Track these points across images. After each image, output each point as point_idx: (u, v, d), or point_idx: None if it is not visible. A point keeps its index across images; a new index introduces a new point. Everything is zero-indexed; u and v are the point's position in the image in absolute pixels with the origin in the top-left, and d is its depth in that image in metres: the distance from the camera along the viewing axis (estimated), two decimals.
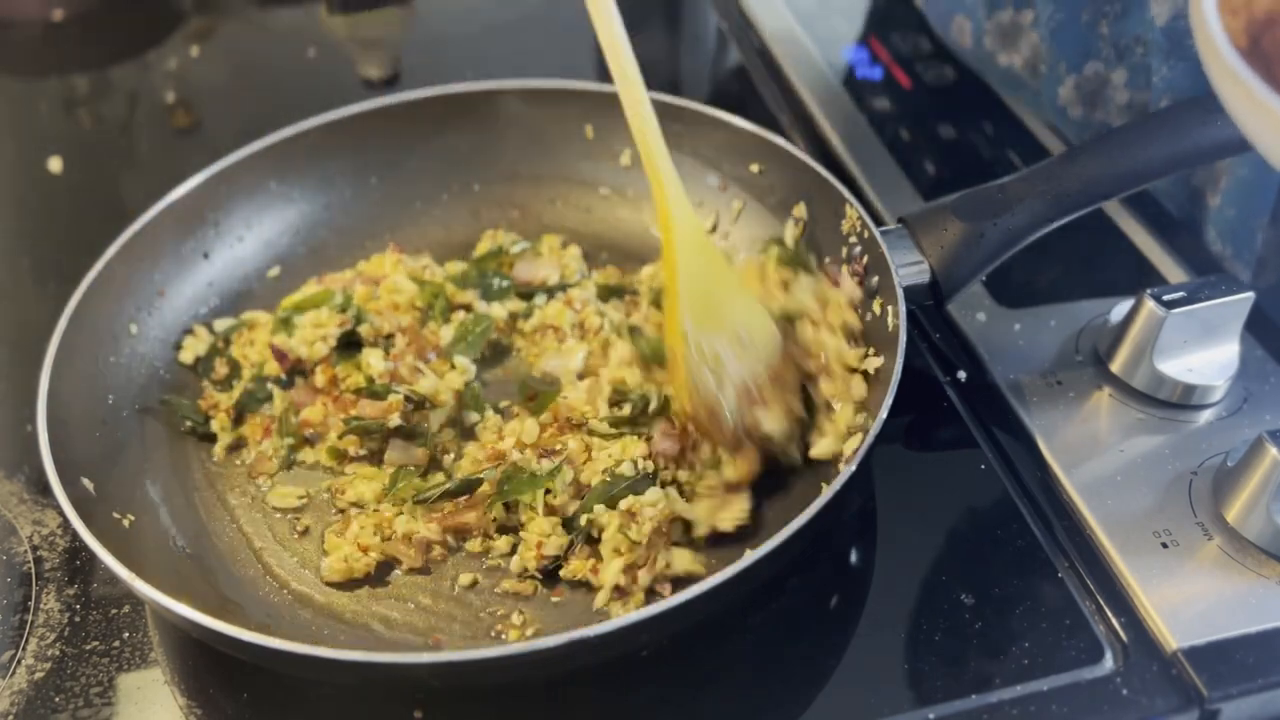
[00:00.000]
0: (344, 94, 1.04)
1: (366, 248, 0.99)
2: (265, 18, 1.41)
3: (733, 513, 0.75)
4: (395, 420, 0.81)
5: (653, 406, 0.81)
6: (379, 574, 0.76)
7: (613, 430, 0.80)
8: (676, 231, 0.78)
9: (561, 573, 0.75)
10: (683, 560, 0.74)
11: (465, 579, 0.75)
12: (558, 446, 0.80)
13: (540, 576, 0.75)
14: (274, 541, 0.79)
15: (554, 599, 0.74)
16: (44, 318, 0.82)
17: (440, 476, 0.80)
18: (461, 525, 0.77)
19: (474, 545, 0.77)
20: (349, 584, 0.76)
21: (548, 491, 0.76)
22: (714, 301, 0.78)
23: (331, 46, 1.34)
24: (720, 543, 0.75)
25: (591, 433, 0.81)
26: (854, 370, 0.82)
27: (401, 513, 0.78)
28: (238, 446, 0.85)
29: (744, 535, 0.75)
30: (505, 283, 0.95)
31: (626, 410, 0.81)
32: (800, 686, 0.69)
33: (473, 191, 1.03)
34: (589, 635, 0.61)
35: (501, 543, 0.76)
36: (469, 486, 0.77)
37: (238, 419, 0.86)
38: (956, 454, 0.82)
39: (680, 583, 0.72)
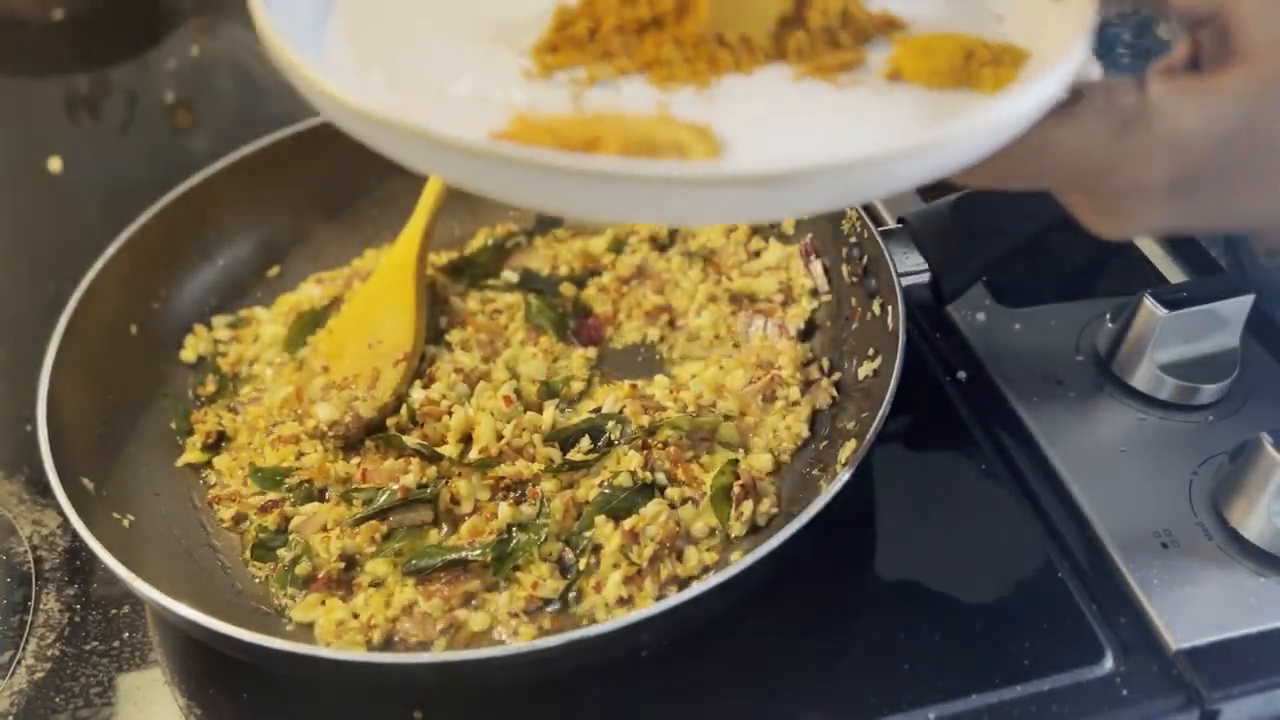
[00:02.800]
0: None
1: (366, 248, 0.99)
2: None
3: None
4: (409, 479, 0.76)
5: (615, 437, 0.78)
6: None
7: (584, 459, 0.77)
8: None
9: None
10: (693, 557, 0.73)
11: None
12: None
13: (527, 617, 0.70)
14: None
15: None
16: (44, 318, 0.82)
17: (436, 535, 0.75)
18: (467, 593, 0.72)
19: (480, 619, 0.71)
20: None
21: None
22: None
23: None
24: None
25: (557, 473, 0.76)
26: (810, 381, 0.82)
27: (406, 585, 0.72)
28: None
29: (744, 535, 0.75)
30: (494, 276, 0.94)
31: (584, 448, 0.77)
32: (800, 687, 0.69)
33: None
34: (589, 635, 0.61)
35: (506, 596, 0.72)
36: (463, 563, 0.72)
37: (219, 437, 0.84)
38: (956, 454, 0.82)
39: (683, 582, 0.72)
